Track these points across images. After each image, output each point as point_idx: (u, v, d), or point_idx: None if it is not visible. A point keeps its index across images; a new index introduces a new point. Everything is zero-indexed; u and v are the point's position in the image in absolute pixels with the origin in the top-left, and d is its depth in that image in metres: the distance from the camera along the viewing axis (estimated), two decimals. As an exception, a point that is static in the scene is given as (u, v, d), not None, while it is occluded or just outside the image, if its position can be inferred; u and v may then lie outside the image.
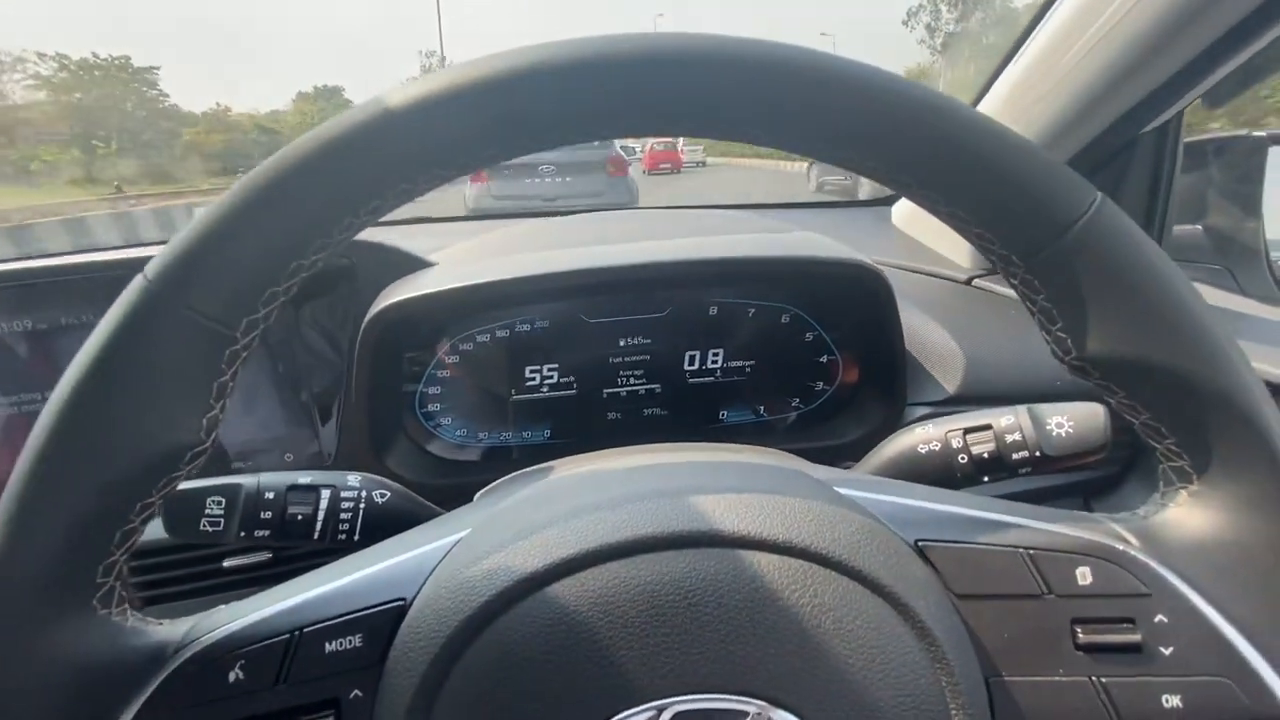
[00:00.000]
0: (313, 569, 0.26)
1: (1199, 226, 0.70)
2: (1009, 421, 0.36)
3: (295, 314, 0.54)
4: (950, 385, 0.57)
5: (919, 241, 0.81)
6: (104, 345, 0.21)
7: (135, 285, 0.21)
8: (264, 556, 0.53)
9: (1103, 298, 0.23)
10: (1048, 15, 0.56)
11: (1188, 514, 0.25)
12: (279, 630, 0.23)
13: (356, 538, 0.35)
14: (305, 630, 0.23)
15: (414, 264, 0.57)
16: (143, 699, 0.22)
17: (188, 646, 0.23)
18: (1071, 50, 0.53)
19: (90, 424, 0.21)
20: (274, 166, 0.21)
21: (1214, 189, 0.69)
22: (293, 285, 0.22)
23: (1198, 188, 0.68)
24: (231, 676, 0.22)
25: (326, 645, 0.23)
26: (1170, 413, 0.24)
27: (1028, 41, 0.57)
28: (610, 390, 0.58)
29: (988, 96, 0.63)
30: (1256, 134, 0.67)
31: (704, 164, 18.80)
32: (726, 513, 0.23)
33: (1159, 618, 0.24)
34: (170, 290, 0.21)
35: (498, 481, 0.40)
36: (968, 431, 0.37)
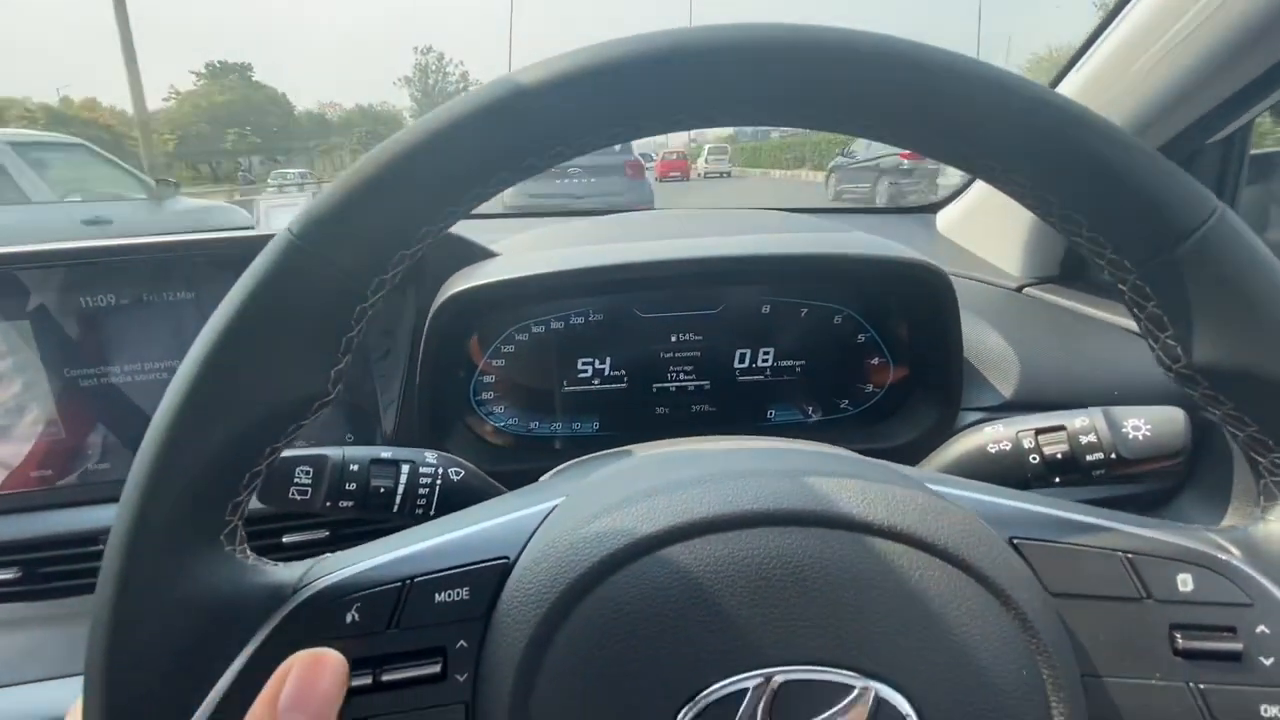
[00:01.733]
0: None
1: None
2: (1084, 422, 0.36)
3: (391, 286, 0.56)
4: (1005, 390, 0.56)
5: (966, 249, 0.81)
6: (249, 295, 0.22)
7: (280, 239, 0.22)
8: (321, 535, 0.55)
9: (1218, 307, 0.23)
10: (1115, 23, 0.56)
11: None
12: (392, 578, 0.24)
13: (433, 513, 0.36)
14: (416, 580, 0.24)
15: (478, 253, 0.58)
16: (266, 632, 0.23)
17: (306, 587, 0.24)
18: (1141, 58, 0.53)
19: (233, 371, 0.22)
20: (416, 134, 0.22)
21: (1278, 203, 0.68)
22: (419, 249, 0.23)
23: (1263, 201, 0.67)
24: (348, 618, 0.23)
25: (436, 596, 0.23)
26: (1279, 425, 0.24)
27: (1095, 45, 0.57)
28: (660, 385, 0.58)
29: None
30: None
31: (729, 174, 18.82)
32: (833, 495, 0.24)
33: (1261, 628, 0.24)
34: (313, 245, 0.22)
35: (565, 465, 0.41)
36: (1040, 432, 0.36)
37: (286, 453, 0.35)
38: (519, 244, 0.64)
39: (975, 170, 0.25)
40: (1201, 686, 0.23)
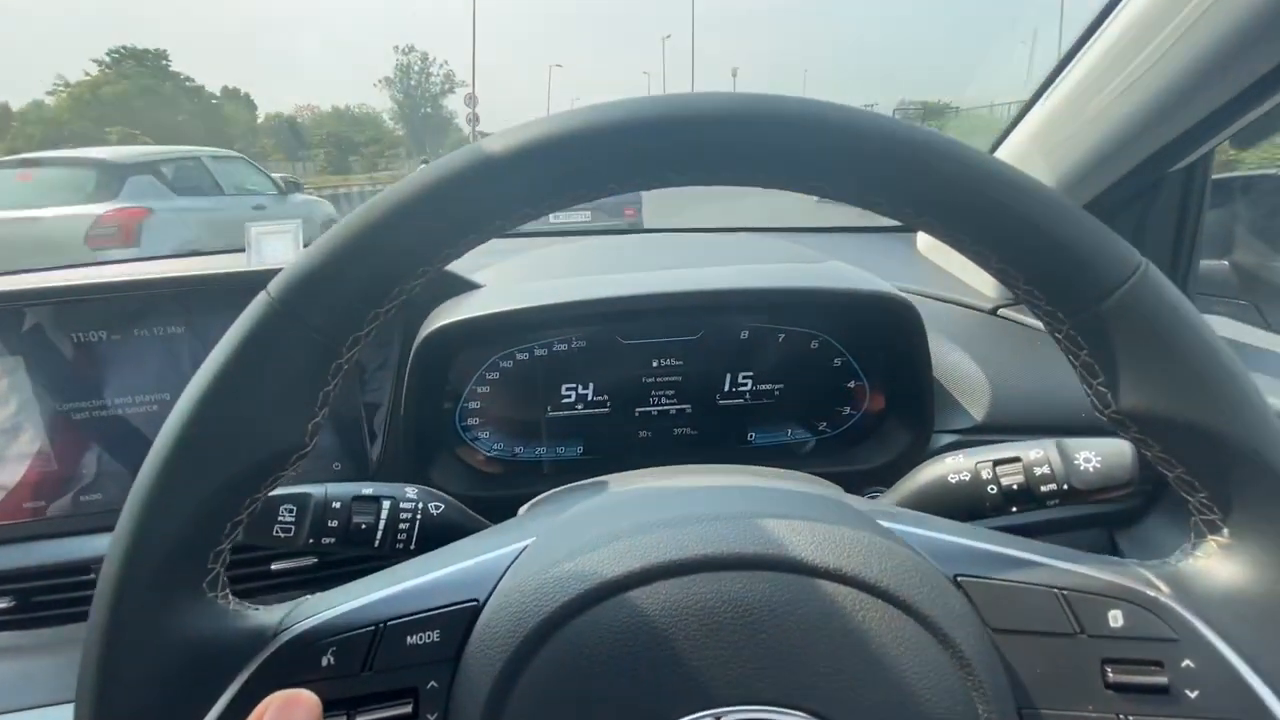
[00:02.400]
0: (355, 575, 0.29)
1: (1225, 262, 0.71)
2: (1038, 455, 0.37)
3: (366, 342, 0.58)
4: (977, 413, 0.58)
5: (944, 270, 0.83)
6: (231, 354, 0.23)
7: (260, 302, 0.24)
8: (309, 562, 0.56)
9: (1142, 358, 0.24)
10: (1076, 58, 0.58)
11: (1217, 564, 0.26)
12: (366, 622, 0.25)
13: (413, 547, 0.38)
14: (389, 623, 0.25)
15: (461, 285, 0.59)
16: (246, 675, 0.24)
17: (285, 631, 0.25)
18: (1100, 94, 0.54)
19: (216, 428, 0.23)
20: (388, 201, 0.23)
21: (1241, 225, 0.70)
22: (393, 307, 0.25)
23: (1225, 223, 0.69)
24: (324, 661, 0.24)
25: (408, 638, 0.25)
26: (1203, 468, 0.25)
27: (1055, 83, 0.59)
28: (642, 409, 0.60)
29: (1013, 134, 0.65)
30: (1284, 173, 0.67)
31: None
32: (783, 539, 0.25)
33: (1186, 662, 0.25)
34: (291, 309, 0.23)
35: (543, 495, 0.42)
36: (997, 463, 0.38)
37: (271, 491, 0.36)
38: (502, 274, 0.65)
39: (919, 228, 0.26)
40: (1131, 719, 0.25)
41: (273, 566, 0.55)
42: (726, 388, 0.60)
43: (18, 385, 0.53)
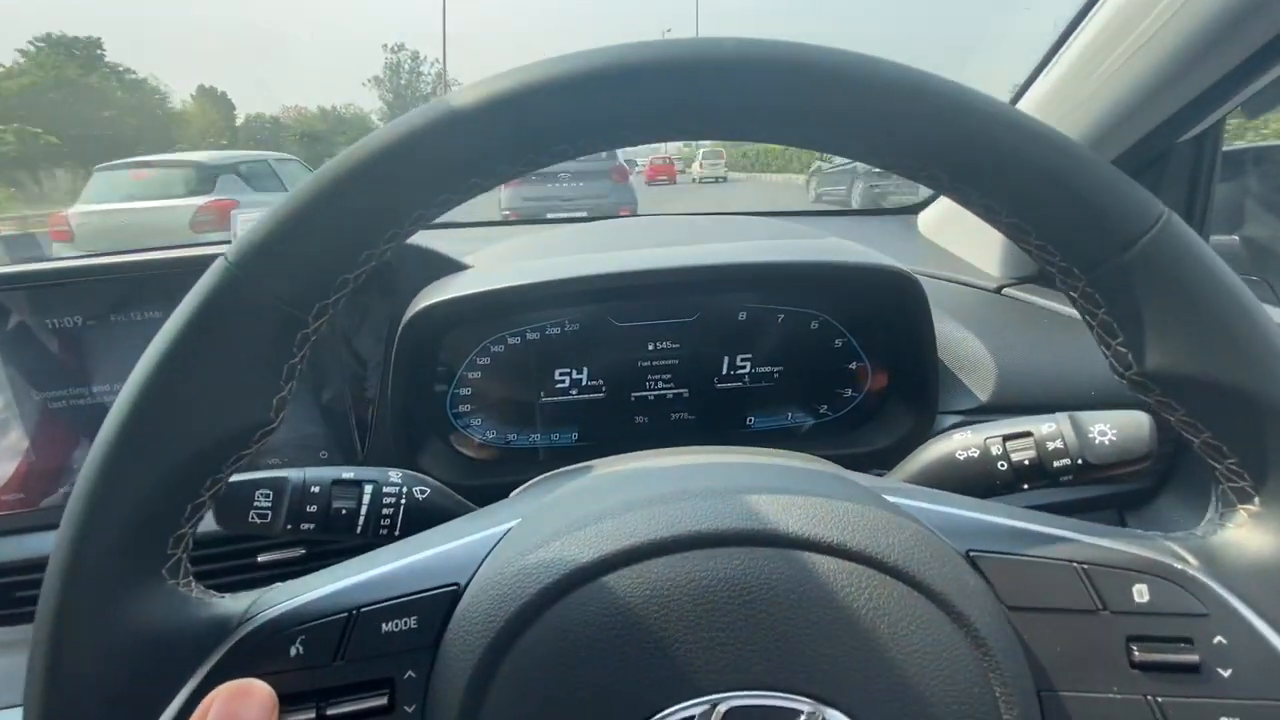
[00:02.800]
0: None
1: (1236, 237, 0.69)
2: (1050, 429, 0.36)
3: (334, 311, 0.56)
4: (982, 394, 0.56)
5: (946, 250, 0.81)
6: (186, 324, 0.22)
7: (217, 267, 0.22)
8: (298, 553, 0.54)
9: (1167, 313, 0.23)
10: (1084, 23, 0.56)
11: (1248, 535, 0.25)
12: (338, 609, 0.23)
13: (397, 533, 0.36)
14: (362, 610, 0.23)
15: (450, 266, 0.58)
16: (208, 667, 0.23)
17: (251, 620, 0.24)
18: (1110, 57, 0.53)
19: (170, 400, 0.22)
20: (353, 156, 0.22)
21: (1252, 199, 0.68)
22: (362, 273, 0.23)
23: (1236, 197, 0.68)
24: (292, 651, 0.23)
25: (383, 626, 0.23)
26: (1232, 431, 0.24)
27: (1063, 47, 0.57)
28: (638, 394, 0.58)
29: (1021, 102, 0.63)
30: (1297, 144, 0.65)
31: (724, 179, 18.94)
32: (781, 513, 0.23)
33: (1218, 639, 0.23)
34: (250, 273, 0.22)
35: (533, 480, 0.41)
36: (1008, 438, 0.36)
37: (246, 475, 0.34)
38: (491, 256, 0.63)
39: (922, 180, 0.25)
40: (1159, 700, 0.23)
41: (259, 559, 0.54)
42: (725, 371, 0.58)
43: (-5, 376, 0.52)
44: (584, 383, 0.58)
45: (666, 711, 0.21)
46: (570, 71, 0.22)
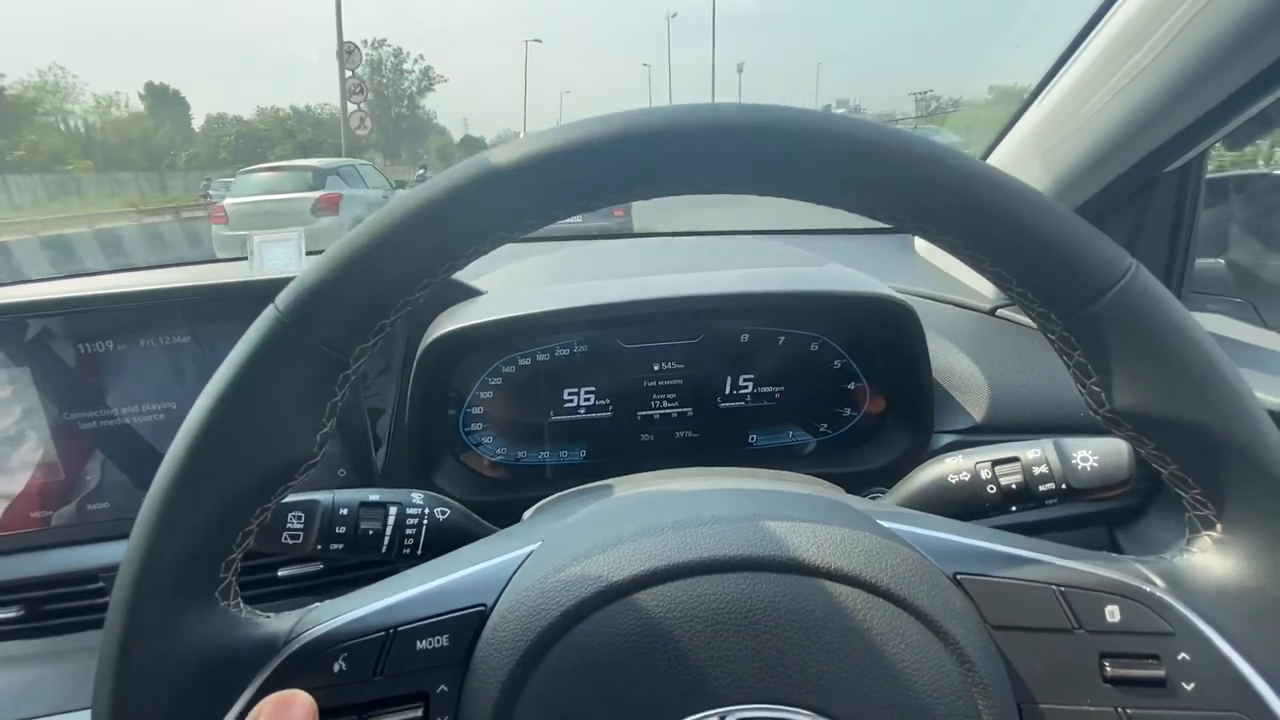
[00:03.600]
0: (361, 580, 0.29)
1: (1221, 260, 0.71)
2: (1036, 455, 0.38)
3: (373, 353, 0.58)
4: (976, 414, 0.58)
5: (942, 270, 0.83)
6: (240, 370, 0.24)
7: (268, 316, 0.24)
8: (315, 568, 0.56)
9: (1135, 358, 0.25)
10: (1070, 61, 0.58)
11: (1211, 559, 0.27)
12: (376, 628, 0.25)
13: (420, 552, 0.38)
14: (399, 629, 0.25)
15: (464, 291, 0.60)
16: (259, 682, 0.25)
17: (297, 638, 0.26)
18: (1094, 96, 0.55)
19: (226, 439, 0.24)
20: (393, 214, 0.24)
21: (1236, 224, 0.71)
22: (399, 318, 0.25)
23: (1220, 222, 0.70)
24: (336, 667, 0.25)
25: (418, 643, 0.25)
26: (1196, 465, 0.26)
27: (1049, 86, 0.59)
28: (644, 413, 0.60)
29: (1007, 138, 0.65)
30: (1278, 172, 0.68)
31: None
32: (786, 541, 0.25)
33: (1182, 655, 0.25)
34: (299, 322, 0.24)
35: (548, 499, 0.43)
36: (996, 463, 0.38)
37: None
38: (503, 281, 0.66)
39: (912, 232, 0.27)
40: (1129, 711, 0.25)
41: (280, 573, 0.56)
42: (727, 390, 0.60)
43: (23, 395, 0.54)
44: (592, 402, 0.60)
45: None
46: (588, 136, 0.24)
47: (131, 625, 0.23)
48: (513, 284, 0.65)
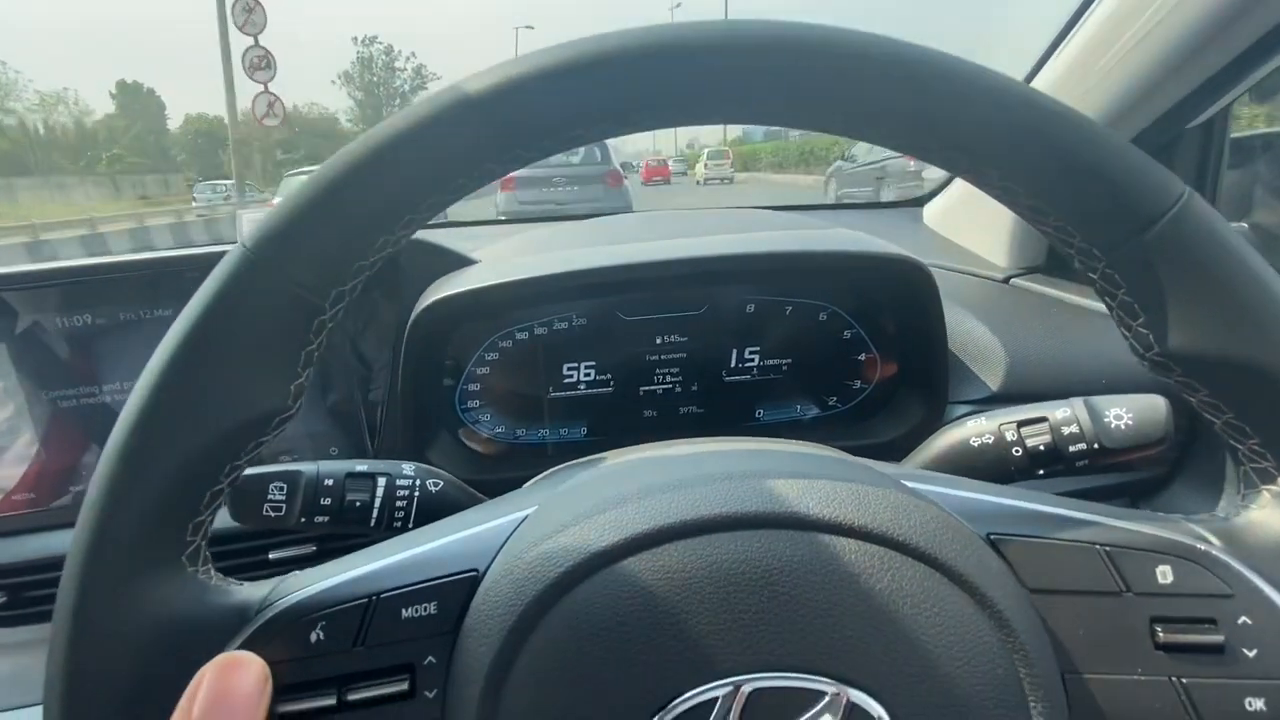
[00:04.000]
0: None
1: (1245, 224, 0.69)
2: (1065, 414, 0.35)
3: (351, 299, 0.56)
4: (992, 383, 0.56)
5: (953, 241, 0.81)
6: (204, 310, 0.22)
7: (234, 253, 0.22)
8: (309, 550, 0.54)
9: (1189, 293, 0.23)
10: (1087, 14, 0.56)
11: (1272, 515, 0.25)
12: (357, 595, 0.23)
13: (410, 525, 0.36)
14: (382, 596, 0.23)
15: (457, 261, 0.58)
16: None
17: (270, 606, 0.24)
18: (1115, 46, 0.52)
19: (189, 388, 0.22)
20: (371, 141, 0.22)
21: (1261, 185, 0.68)
22: (379, 260, 0.23)
23: (1244, 184, 0.67)
24: (313, 637, 0.23)
25: (403, 611, 0.23)
26: (1255, 411, 0.24)
27: (1068, 36, 0.57)
28: (647, 388, 0.58)
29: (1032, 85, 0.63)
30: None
31: (731, 180, 18.86)
32: (802, 496, 0.23)
33: (1242, 619, 0.23)
34: (269, 259, 0.22)
35: (549, 471, 0.40)
36: (1022, 424, 0.36)
37: (260, 469, 0.34)
38: (498, 251, 0.63)
39: (939, 163, 0.25)
40: (1184, 681, 0.23)
41: (271, 556, 0.54)
42: (733, 364, 0.58)
43: (5, 375, 0.52)
44: (592, 377, 0.57)
45: (689, 694, 0.21)
46: (608, 48, 0.21)
47: (87, 587, 0.21)
48: (508, 254, 0.63)
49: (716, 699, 0.21)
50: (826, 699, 0.21)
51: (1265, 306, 0.22)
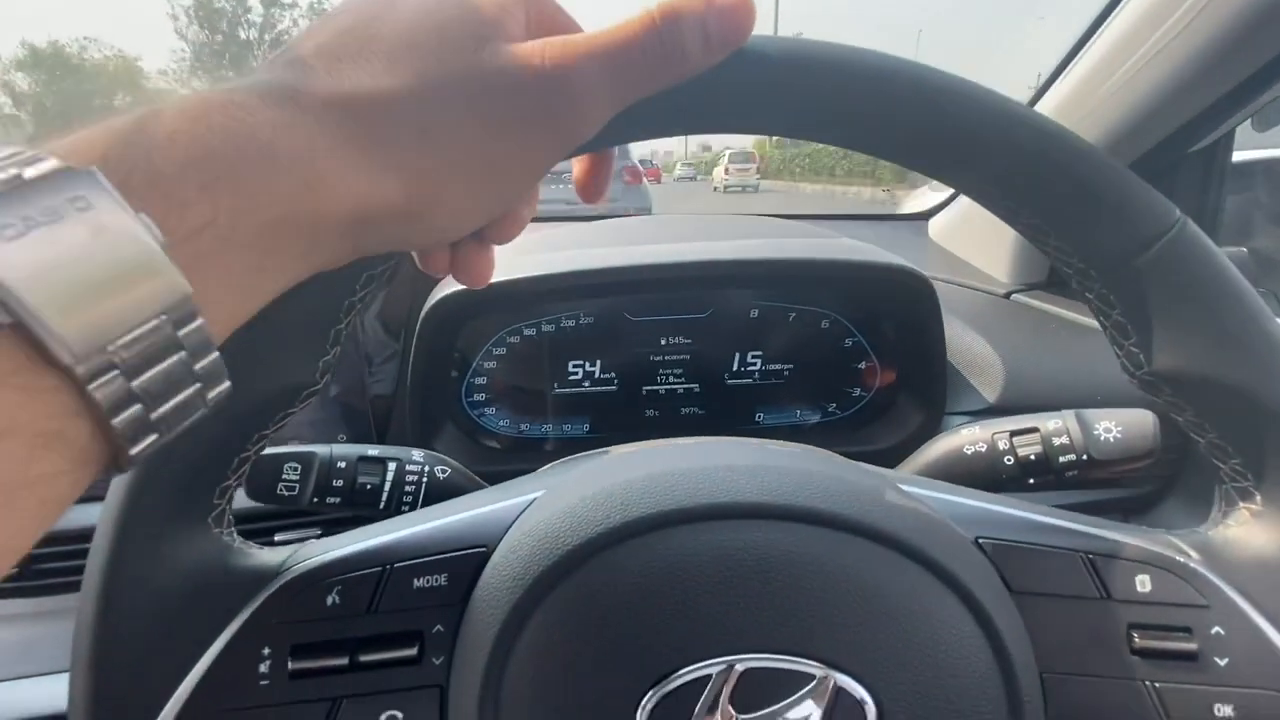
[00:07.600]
0: None
1: (1244, 249, 0.70)
2: (1056, 425, 0.36)
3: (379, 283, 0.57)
4: (990, 395, 0.57)
5: (957, 256, 0.82)
6: None
7: None
8: (313, 533, 0.55)
9: (1179, 316, 0.23)
10: (1092, 39, 0.57)
11: (1249, 532, 0.26)
12: (372, 562, 0.24)
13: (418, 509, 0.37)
14: (396, 565, 0.24)
15: None
16: (249, 612, 0.24)
17: (289, 570, 0.25)
18: (1118, 71, 0.53)
19: (228, 357, 0.23)
20: None
21: (1261, 211, 0.69)
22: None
23: (1244, 209, 0.68)
24: (328, 601, 0.24)
25: (414, 581, 0.24)
26: (1236, 433, 0.25)
27: (1072, 61, 0.58)
28: (650, 388, 0.59)
29: (1037, 109, 0.64)
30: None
31: (756, 188, 18.61)
32: (801, 490, 0.24)
33: (1216, 629, 0.24)
34: None
35: (555, 462, 0.42)
36: (1014, 434, 0.37)
37: (274, 450, 0.35)
38: (510, 249, 0.64)
39: (944, 180, 0.26)
40: (1157, 685, 0.24)
41: (276, 538, 0.55)
42: (735, 367, 0.59)
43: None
44: (597, 375, 0.59)
45: (685, 670, 0.22)
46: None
47: (120, 544, 0.22)
48: (519, 252, 0.64)
49: (710, 675, 0.22)
50: (814, 681, 0.22)
51: (1250, 333, 0.23)
